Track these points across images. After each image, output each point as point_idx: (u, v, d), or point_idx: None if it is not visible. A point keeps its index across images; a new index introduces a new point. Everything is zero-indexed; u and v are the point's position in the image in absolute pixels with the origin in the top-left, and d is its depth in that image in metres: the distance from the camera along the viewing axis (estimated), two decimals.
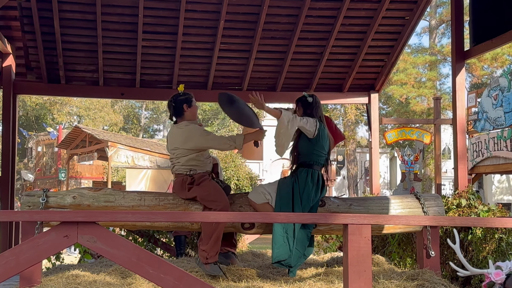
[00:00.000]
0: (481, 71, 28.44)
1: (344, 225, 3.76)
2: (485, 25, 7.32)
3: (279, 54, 9.25)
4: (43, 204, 5.49)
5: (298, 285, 5.16)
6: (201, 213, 5.17)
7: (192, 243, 8.74)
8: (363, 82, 9.82)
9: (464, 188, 7.37)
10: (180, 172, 5.75)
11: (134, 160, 23.78)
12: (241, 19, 8.72)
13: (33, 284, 4.82)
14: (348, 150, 30.62)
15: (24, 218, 4.53)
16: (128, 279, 5.32)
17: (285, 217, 4.42)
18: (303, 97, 5.97)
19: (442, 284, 5.21)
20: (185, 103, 5.79)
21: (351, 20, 8.83)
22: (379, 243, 7.84)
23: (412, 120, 22.81)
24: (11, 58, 8.61)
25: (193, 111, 5.87)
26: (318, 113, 5.95)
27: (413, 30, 9.09)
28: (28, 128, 40.19)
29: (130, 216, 4.31)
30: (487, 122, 14.06)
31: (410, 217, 5.02)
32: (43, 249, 3.57)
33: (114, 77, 9.27)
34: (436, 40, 31.01)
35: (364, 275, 3.65)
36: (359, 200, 6.36)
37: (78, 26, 8.52)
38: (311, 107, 5.91)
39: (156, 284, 3.67)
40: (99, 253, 3.69)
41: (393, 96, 30.29)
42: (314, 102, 5.93)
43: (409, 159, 17.30)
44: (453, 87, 7.78)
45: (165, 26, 8.65)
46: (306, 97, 5.95)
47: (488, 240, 6.47)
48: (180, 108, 5.80)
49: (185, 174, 5.70)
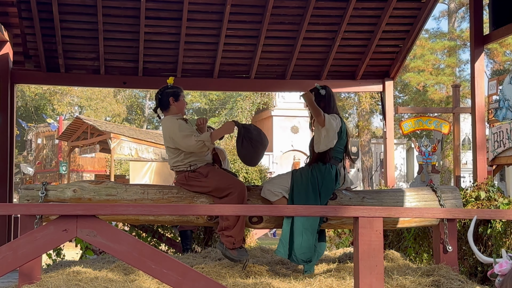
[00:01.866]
0: (503, 57, 28.30)
1: (355, 218, 3.77)
2: (506, 8, 7.29)
3: (289, 40, 9.26)
4: (42, 198, 5.52)
5: (308, 282, 5.17)
6: (206, 206, 5.19)
7: (198, 238, 8.78)
8: (377, 69, 9.81)
9: (484, 180, 7.37)
10: (181, 169, 5.78)
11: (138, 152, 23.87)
12: (249, 3, 8.73)
13: (32, 281, 4.86)
14: (362, 141, 30.54)
15: (21, 211, 4.57)
16: (131, 275, 5.37)
17: (293, 210, 4.44)
18: (315, 89, 5.95)
19: (459, 280, 5.22)
20: (171, 96, 5.81)
21: (364, 3, 8.82)
22: (394, 238, 7.85)
23: (430, 109, 22.72)
24: (8, 46, 8.64)
25: (180, 106, 5.87)
26: (333, 106, 5.93)
27: (430, 13, 9.07)
28: (27, 119, 40.36)
29: (131, 209, 4.35)
30: (509, 110, 13.99)
31: (423, 209, 5.03)
32: (42, 243, 3.61)
33: (116, 65, 9.31)
34: (456, 25, 30.83)
35: (376, 270, 3.66)
36: (372, 193, 6.36)
37: (77, 12, 8.56)
38: (324, 100, 5.89)
39: (159, 279, 3.71)
40: (99, 247, 3.72)
41: (410, 84, 30.19)
42: (327, 94, 5.91)
43: (426, 150, 17.23)
44: (471, 74, 7.77)
45: (169, 11, 8.67)
46: (318, 89, 5.93)
47: (508, 234, 6.47)
48: (166, 101, 5.83)
49: (186, 170, 5.72)
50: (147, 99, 48.15)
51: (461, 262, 6.45)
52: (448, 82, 27.48)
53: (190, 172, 5.69)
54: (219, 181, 5.63)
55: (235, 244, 5.52)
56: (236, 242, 5.52)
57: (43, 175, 32.32)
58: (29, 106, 42.55)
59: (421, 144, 17.69)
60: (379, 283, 3.69)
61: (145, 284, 5.07)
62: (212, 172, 5.71)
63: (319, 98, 5.90)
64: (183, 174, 5.75)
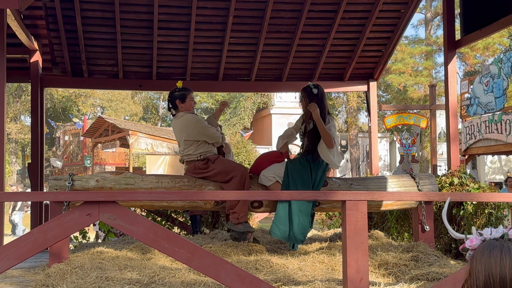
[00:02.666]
0: (473, 60, 28.27)
1: (342, 202, 3.78)
2: (475, 16, 7.30)
3: (284, 46, 9.24)
4: (69, 187, 5.55)
5: (303, 258, 5.20)
6: (211, 192, 5.22)
7: (207, 221, 8.79)
8: (362, 71, 9.80)
9: (456, 167, 7.39)
10: (192, 159, 5.82)
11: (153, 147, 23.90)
12: (249, 15, 8.72)
13: (61, 260, 4.88)
14: (350, 135, 30.57)
15: (50, 198, 4.59)
16: (147, 254, 5.39)
17: (288, 195, 4.45)
18: (308, 88, 5.95)
19: (435, 256, 5.24)
20: (178, 99, 5.96)
21: (350, 14, 8.81)
22: (378, 219, 7.87)
23: (410, 106, 22.70)
24: (37, 54, 8.66)
25: (187, 106, 5.97)
26: (326, 104, 5.93)
27: (408, 22, 9.05)
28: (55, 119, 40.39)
29: (147, 196, 4.37)
30: (479, 106, 14.00)
31: (402, 193, 5.05)
32: (68, 226, 3.62)
33: (133, 70, 9.30)
34: (432, 32, 30.77)
35: (361, 246, 3.68)
36: (359, 180, 6.38)
37: (98, 24, 8.55)
38: (316, 98, 5.88)
39: (171, 257, 3.72)
40: (119, 229, 3.74)
41: (392, 84, 30.17)
42: (319, 93, 5.91)
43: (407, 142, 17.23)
44: (445, 75, 7.77)
45: (179, 22, 8.67)
46: (311, 88, 5.92)
47: (479, 215, 6.50)
48: (174, 103, 5.97)
49: (196, 160, 5.77)
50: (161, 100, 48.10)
51: (437, 240, 6.47)
52: (425, 82, 27.45)
53: (200, 161, 5.76)
54: (223, 166, 5.73)
55: (240, 219, 5.64)
56: (240, 218, 5.64)
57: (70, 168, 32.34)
58: (57, 107, 42.57)
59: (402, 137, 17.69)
60: (364, 258, 3.70)
61: (160, 262, 5.09)
62: (219, 159, 5.82)
63: (311, 96, 5.88)
64: (193, 164, 5.79)
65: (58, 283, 4.18)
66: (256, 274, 4.43)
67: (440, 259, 5.18)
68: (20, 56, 8.64)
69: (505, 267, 1.67)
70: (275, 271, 4.75)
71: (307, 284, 4.33)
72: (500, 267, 1.67)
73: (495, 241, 1.76)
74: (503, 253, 1.70)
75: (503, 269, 1.67)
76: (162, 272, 4.53)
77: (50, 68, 9.06)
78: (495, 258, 1.69)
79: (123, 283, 4.11)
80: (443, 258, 5.26)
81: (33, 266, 5.65)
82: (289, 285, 4.37)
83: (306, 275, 4.68)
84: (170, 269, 4.70)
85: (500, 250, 1.71)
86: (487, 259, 1.70)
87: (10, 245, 3.64)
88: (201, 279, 4.39)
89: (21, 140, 41.46)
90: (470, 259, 1.77)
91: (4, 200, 5.20)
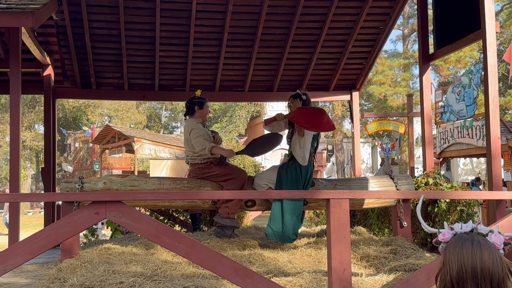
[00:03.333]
0: (447, 72, 28.37)
1: (327, 200, 3.80)
2: (446, 32, 7.34)
3: (275, 60, 9.27)
4: (79, 189, 5.55)
5: (292, 252, 5.21)
6: (208, 192, 5.23)
7: (205, 220, 8.79)
8: (345, 82, 9.83)
9: (431, 169, 7.42)
10: (196, 162, 5.81)
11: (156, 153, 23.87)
12: (242, 31, 8.74)
13: (72, 256, 4.88)
14: (336, 140, 30.64)
15: (62, 198, 4.59)
16: (151, 250, 5.39)
17: (278, 194, 4.47)
18: (298, 95, 5.99)
19: (412, 249, 5.26)
20: (197, 105, 5.95)
21: (334, 30, 8.85)
22: (361, 216, 7.89)
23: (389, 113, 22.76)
24: (50, 68, 8.65)
25: (203, 113, 5.97)
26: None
27: (387, 37, 9.10)
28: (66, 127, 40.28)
29: (149, 195, 4.37)
30: (452, 114, 14.05)
31: (381, 192, 5.07)
32: (78, 224, 3.62)
33: (137, 82, 9.30)
34: (409, 46, 30.89)
35: (344, 240, 3.69)
36: (343, 181, 6.40)
37: (105, 40, 8.56)
38: (304, 103, 5.93)
39: (172, 251, 3.73)
40: (124, 226, 3.74)
41: (373, 94, 30.23)
42: (307, 100, 5.98)
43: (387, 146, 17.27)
44: (420, 85, 7.80)
45: (178, 38, 8.68)
46: (300, 95, 5.98)
47: (451, 212, 6.52)
48: (192, 108, 5.96)
49: (200, 163, 5.76)
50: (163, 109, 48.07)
51: (414, 235, 6.49)
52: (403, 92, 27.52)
53: (204, 164, 5.76)
54: (224, 168, 5.74)
55: (229, 214, 5.65)
56: (230, 213, 5.66)
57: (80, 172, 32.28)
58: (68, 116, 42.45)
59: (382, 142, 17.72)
60: (347, 251, 3.71)
61: (162, 257, 5.09)
62: (221, 162, 5.84)
63: (300, 102, 5.93)
64: (197, 166, 5.79)
65: (69, 276, 4.18)
66: (249, 267, 4.44)
67: (417, 252, 5.20)
68: (34, 70, 8.63)
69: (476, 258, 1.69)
70: (266, 264, 4.76)
71: (296, 275, 4.35)
72: (471, 258, 1.69)
73: (465, 234, 1.78)
74: (474, 245, 1.72)
75: (474, 260, 1.69)
76: (164, 265, 4.53)
77: (61, 81, 9.05)
78: (467, 249, 1.71)
79: (128, 276, 4.11)
80: (419, 251, 5.29)
81: (46, 262, 5.64)
82: (280, 276, 4.38)
83: (295, 267, 4.70)
84: (171, 263, 4.71)
85: (471, 242, 1.73)
86: (460, 251, 1.72)
87: (25, 241, 3.64)
88: (199, 271, 4.40)
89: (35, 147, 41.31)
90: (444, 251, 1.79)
91: (20, 200, 5.19)
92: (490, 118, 5.67)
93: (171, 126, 53.15)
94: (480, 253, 1.69)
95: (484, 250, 1.70)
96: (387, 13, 8.68)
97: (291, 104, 6.03)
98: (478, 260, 1.68)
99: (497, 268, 1.68)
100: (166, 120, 50.36)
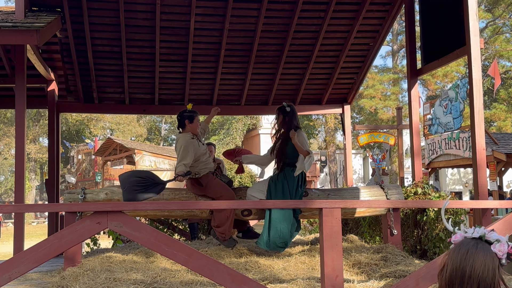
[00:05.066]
0: (434, 86, 28.51)
1: (320, 209, 3.80)
2: (433, 48, 7.39)
3: (270, 75, 9.31)
4: (81, 200, 5.54)
5: (287, 259, 5.20)
6: (206, 202, 5.21)
7: (203, 229, 8.77)
8: (337, 96, 9.87)
9: (420, 179, 7.42)
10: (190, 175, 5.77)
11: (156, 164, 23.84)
12: (238, 48, 8.78)
13: (75, 264, 4.86)
14: (329, 152, 30.66)
15: (65, 209, 4.57)
16: (151, 258, 5.38)
17: (272, 204, 4.47)
18: (282, 107, 5.97)
19: (402, 256, 5.26)
20: (187, 119, 5.77)
21: (326, 47, 8.90)
22: (353, 225, 7.88)
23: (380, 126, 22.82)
24: (54, 83, 8.66)
25: (193, 126, 5.79)
26: (296, 119, 5.95)
27: (377, 53, 9.16)
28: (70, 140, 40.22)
29: (149, 206, 4.36)
30: (440, 126, 14.07)
31: (372, 202, 5.07)
32: (81, 233, 3.61)
33: (137, 96, 9.32)
34: (398, 61, 31.05)
35: (336, 248, 3.69)
36: (336, 191, 6.39)
37: (107, 57, 8.58)
38: (289, 114, 5.90)
39: (171, 259, 3.71)
40: (125, 236, 3.73)
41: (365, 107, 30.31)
42: (291, 110, 5.94)
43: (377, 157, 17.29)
44: (409, 99, 7.84)
45: (177, 55, 8.71)
46: (285, 107, 5.95)
47: (440, 220, 6.51)
48: (182, 122, 5.80)
49: (192, 178, 5.71)
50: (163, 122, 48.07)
51: (404, 242, 6.48)
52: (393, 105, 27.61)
53: (194, 179, 5.69)
54: (214, 192, 5.63)
55: (225, 237, 5.58)
56: (226, 236, 5.57)
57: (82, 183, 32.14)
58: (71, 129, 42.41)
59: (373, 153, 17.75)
60: (339, 258, 3.71)
61: (162, 264, 5.08)
62: (210, 182, 5.69)
63: (285, 114, 5.90)
64: (190, 181, 5.75)
65: (72, 284, 4.16)
66: (245, 274, 4.43)
67: (406, 259, 5.20)
68: (38, 85, 8.64)
69: (467, 264, 1.70)
70: (262, 271, 4.75)
71: (290, 282, 4.34)
72: (463, 263, 1.70)
73: (470, 240, 1.78)
74: (469, 253, 1.73)
75: (465, 265, 1.70)
76: (163, 273, 4.52)
77: (65, 96, 9.06)
78: (462, 255, 1.72)
79: (129, 283, 4.10)
80: (409, 258, 5.29)
81: (50, 270, 5.62)
82: (275, 283, 4.37)
83: (289, 274, 4.69)
84: (170, 270, 4.70)
85: (467, 249, 1.74)
86: (456, 255, 1.74)
87: (29, 250, 3.63)
88: (198, 279, 4.39)
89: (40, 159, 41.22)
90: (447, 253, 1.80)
91: (25, 211, 5.17)
92: (475, 130, 5.70)
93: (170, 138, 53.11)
94: (473, 260, 1.70)
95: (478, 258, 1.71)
96: (376, 30, 8.75)
97: (278, 116, 5.98)
98: (468, 266, 1.69)
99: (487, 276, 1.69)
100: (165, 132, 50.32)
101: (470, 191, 26.47)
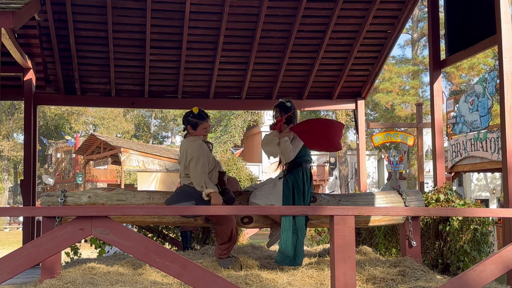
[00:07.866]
0: (459, 79, 28.55)
1: (331, 216, 3.80)
2: (459, 37, 7.38)
3: (274, 65, 9.31)
4: (61, 203, 5.52)
5: (292, 273, 5.20)
6: (202, 207, 5.20)
7: (198, 237, 8.77)
8: (350, 90, 9.87)
9: (442, 184, 7.42)
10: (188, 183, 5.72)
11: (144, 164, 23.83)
12: (239, 34, 8.78)
13: (53, 276, 4.85)
14: (339, 152, 30.67)
15: (43, 213, 4.56)
16: (139, 270, 5.37)
17: (277, 210, 4.47)
18: (281, 103, 5.99)
19: (422, 270, 5.25)
20: (189, 125, 5.75)
21: (338, 34, 8.90)
22: (367, 235, 7.87)
23: (397, 124, 22.86)
24: (31, 72, 8.66)
25: (197, 134, 5.73)
26: (296, 117, 5.99)
27: (395, 42, 9.16)
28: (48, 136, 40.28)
29: (139, 210, 4.36)
30: (465, 125, 14.12)
31: (389, 209, 5.07)
32: (61, 241, 3.61)
33: (125, 88, 9.32)
34: (418, 52, 31.10)
35: (349, 261, 3.69)
36: (347, 196, 6.38)
37: (91, 43, 8.58)
38: (289, 110, 5.93)
39: (162, 271, 3.71)
40: (111, 244, 3.73)
41: (380, 103, 30.36)
42: (291, 106, 5.97)
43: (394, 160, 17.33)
44: (431, 93, 7.82)
45: (171, 41, 8.71)
46: (284, 103, 5.97)
47: (464, 231, 6.51)
48: (186, 127, 5.81)
49: None
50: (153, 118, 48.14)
51: (424, 255, 6.48)
52: (412, 101, 27.65)
53: None
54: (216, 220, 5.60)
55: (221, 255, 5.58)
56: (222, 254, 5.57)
57: (62, 185, 32.21)
58: (49, 125, 42.48)
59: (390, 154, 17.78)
60: (352, 272, 3.71)
61: (151, 277, 5.07)
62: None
63: (286, 110, 5.92)
64: None
65: None
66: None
67: (427, 273, 5.20)
68: (13, 74, 8.64)
69: None
70: (264, 286, 4.75)
71: None
72: None
73: None
74: None
75: None
76: (153, 286, 4.51)
77: (43, 86, 9.05)
78: None
79: None
80: (430, 273, 5.28)
81: (25, 282, 5.60)
82: None
83: None
84: (161, 284, 4.69)
85: None
86: None
87: (3, 259, 3.62)
88: None
89: (14, 158, 41.27)
90: None
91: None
92: (506, 129, 5.69)
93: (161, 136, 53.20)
94: None
95: None
96: (395, 16, 8.75)
97: (277, 113, 5.99)
98: None
99: None
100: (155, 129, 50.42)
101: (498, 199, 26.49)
